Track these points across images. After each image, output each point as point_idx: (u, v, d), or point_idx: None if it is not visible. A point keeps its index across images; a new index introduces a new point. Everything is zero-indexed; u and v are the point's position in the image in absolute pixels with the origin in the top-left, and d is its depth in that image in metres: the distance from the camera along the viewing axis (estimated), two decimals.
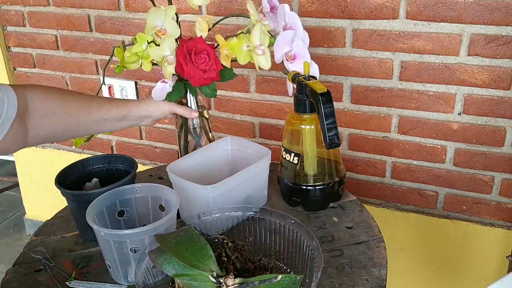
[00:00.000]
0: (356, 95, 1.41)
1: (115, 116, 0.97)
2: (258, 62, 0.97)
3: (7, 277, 0.93)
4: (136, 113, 1.01)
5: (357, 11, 1.31)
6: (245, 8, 1.43)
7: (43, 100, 0.84)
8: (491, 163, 1.35)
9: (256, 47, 0.95)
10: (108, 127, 0.98)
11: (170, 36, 0.97)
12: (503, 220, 1.41)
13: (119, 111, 0.98)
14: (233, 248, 0.85)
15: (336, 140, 0.94)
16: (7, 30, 1.82)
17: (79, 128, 0.93)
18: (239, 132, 1.61)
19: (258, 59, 0.97)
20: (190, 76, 0.97)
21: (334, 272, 0.89)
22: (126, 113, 0.99)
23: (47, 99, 0.85)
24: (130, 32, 1.62)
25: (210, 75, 0.97)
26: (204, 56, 0.96)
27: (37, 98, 0.83)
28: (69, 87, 1.82)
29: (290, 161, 1.05)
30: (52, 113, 0.85)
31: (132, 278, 0.88)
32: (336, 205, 1.09)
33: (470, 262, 1.48)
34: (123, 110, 0.99)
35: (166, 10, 0.96)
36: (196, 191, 0.96)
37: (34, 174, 2.09)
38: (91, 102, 0.94)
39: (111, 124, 0.98)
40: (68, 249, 1.00)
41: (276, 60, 1.00)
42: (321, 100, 0.92)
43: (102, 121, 0.96)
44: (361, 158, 1.49)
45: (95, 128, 0.97)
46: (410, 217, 1.50)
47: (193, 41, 0.96)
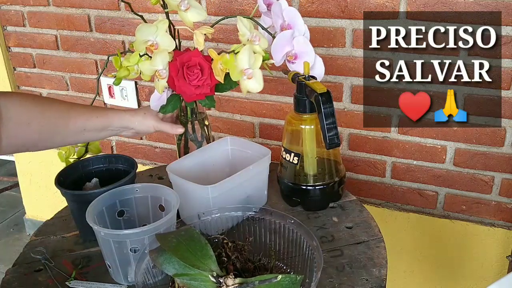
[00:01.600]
0: (356, 95, 1.41)
1: (95, 126, 0.93)
2: (246, 87, 0.91)
3: (7, 277, 0.93)
4: (118, 123, 0.96)
5: (357, 11, 1.31)
6: (245, 8, 1.44)
7: (17, 108, 0.81)
8: (491, 163, 1.35)
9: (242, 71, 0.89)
10: (87, 137, 0.94)
11: (162, 50, 0.92)
12: (503, 220, 1.41)
13: (99, 121, 0.93)
14: (233, 248, 0.85)
15: (336, 140, 0.94)
16: (7, 30, 1.82)
17: (55, 138, 0.89)
18: (239, 132, 1.61)
19: (246, 84, 0.91)
20: (182, 92, 0.93)
21: (334, 272, 0.89)
22: (107, 123, 0.94)
23: (22, 107, 0.82)
24: (130, 32, 1.62)
25: (203, 90, 0.93)
26: (197, 71, 0.91)
27: (11, 106, 0.80)
28: (69, 87, 1.82)
29: (290, 161, 1.05)
30: (27, 123, 0.82)
31: (132, 278, 0.88)
32: (336, 205, 1.09)
33: (470, 262, 1.48)
34: (103, 120, 0.94)
35: (158, 25, 0.92)
36: (196, 191, 0.96)
37: (34, 174, 2.08)
38: (69, 111, 0.90)
39: (91, 134, 0.93)
40: (68, 249, 1.00)
41: (276, 63, 0.97)
42: (321, 100, 0.92)
43: (81, 131, 0.91)
44: (361, 158, 1.49)
45: (73, 138, 0.92)
46: (410, 217, 1.50)
47: (187, 54, 0.92)
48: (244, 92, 0.93)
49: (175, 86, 0.93)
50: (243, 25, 0.91)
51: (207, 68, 0.92)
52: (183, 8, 0.92)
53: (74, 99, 1.82)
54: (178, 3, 0.92)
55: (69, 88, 1.82)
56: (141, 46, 0.93)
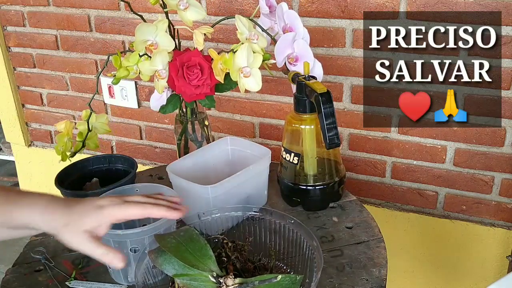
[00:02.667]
0: (356, 95, 1.41)
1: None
2: (244, 85, 0.90)
3: (7, 277, 0.93)
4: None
5: (357, 11, 1.31)
6: (246, 8, 1.44)
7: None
8: (491, 163, 1.35)
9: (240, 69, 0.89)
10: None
11: (162, 50, 0.92)
12: (503, 220, 1.41)
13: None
14: (233, 248, 0.85)
15: (336, 140, 0.94)
16: (7, 30, 1.82)
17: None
18: (239, 132, 1.61)
19: (244, 82, 0.90)
20: (182, 92, 0.93)
21: (334, 272, 0.89)
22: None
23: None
24: (130, 32, 1.62)
25: (203, 90, 0.93)
26: (197, 71, 0.91)
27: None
28: (69, 87, 1.82)
29: (290, 161, 1.05)
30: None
31: (132, 278, 0.88)
32: (336, 205, 1.09)
33: (470, 262, 1.48)
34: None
35: (157, 25, 0.92)
36: (196, 191, 0.96)
37: (34, 174, 2.08)
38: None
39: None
40: (68, 249, 1.00)
41: (278, 64, 0.98)
42: (321, 100, 0.92)
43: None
44: (361, 158, 1.49)
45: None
46: (410, 217, 1.50)
47: (187, 54, 0.92)
48: (242, 90, 0.93)
49: (175, 86, 0.93)
50: (241, 24, 0.91)
51: (207, 68, 0.92)
52: (182, 7, 0.92)
53: (74, 99, 1.83)
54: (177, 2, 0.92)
55: (69, 88, 1.82)
56: (140, 46, 0.93)
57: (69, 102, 1.84)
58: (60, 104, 1.87)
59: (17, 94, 1.93)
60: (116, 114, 1.78)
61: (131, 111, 1.75)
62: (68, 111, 1.86)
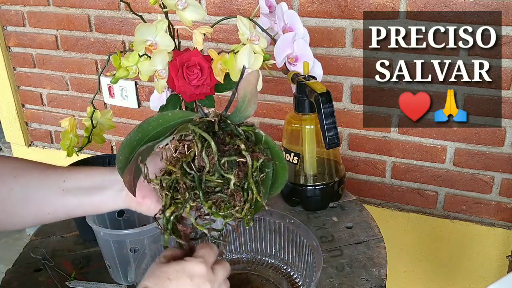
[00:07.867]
0: (356, 95, 1.41)
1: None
2: None
3: (7, 277, 0.93)
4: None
5: (357, 11, 1.31)
6: (246, 8, 1.44)
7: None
8: (491, 163, 1.35)
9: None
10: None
11: (162, 50, 0.92)
12: (503, 220, 1.41)
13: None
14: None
15: (336, 140, 0.94)
16: (7, 30, 1.82)
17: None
18: None
19: None
20: (182, 92, 0.93)
21: (334, 272, 0.89)
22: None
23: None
24: (130, 32, 1.62)
25: (203, 90, 0.92)
26: (196, 71, 0.91)
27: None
28: (69, 87, 1.82)
29: (290, 161, 1.05)
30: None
31: (131, 278, 0.88)
32: (336, 205, 1.09)
33: (470, 262, 1.48)
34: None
35: (157, 25, 0.91)
36: None
37: None
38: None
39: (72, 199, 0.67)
40: (68, 249, 1.00)
41: (278, 65, 0.98)
42: (321, 100, 0.92)
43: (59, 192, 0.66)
44: (361, 158, 1.49)
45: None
46: (410, 217, 1.50)
47: (187, 54, 0.92)
48: None
49: (174, 86, 0.93)
50: (243, 25, 0.91)
51: (207, 68, 0.92)
52: (180, 7, 0.92)
53: (74, 99, 1.83)
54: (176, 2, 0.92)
55: (69, 88, 1.82)
56: (140, 46, 0.93)
57: (69, 102, 1.84)
58: (60, 104, 1.87)
59: (17, 94, 1.93)
60: (116, 114, 1.78)
61: (131, 111, 1.75)
62: (68, 111, 1.86)
